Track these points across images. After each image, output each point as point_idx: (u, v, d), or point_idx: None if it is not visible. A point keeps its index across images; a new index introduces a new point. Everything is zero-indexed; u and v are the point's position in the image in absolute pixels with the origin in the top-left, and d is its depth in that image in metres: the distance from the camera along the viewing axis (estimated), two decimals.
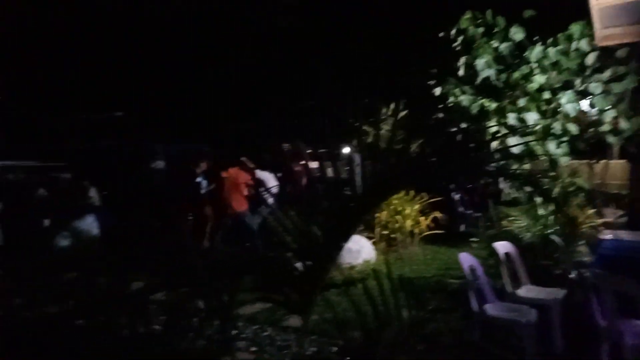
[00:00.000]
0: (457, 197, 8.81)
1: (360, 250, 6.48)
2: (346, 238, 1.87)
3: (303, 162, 13.87)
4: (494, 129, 6.81)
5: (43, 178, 10.14)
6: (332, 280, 6.02)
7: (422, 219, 7.52)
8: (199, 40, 14.98)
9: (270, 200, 8.98)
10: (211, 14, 13.37)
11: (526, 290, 4.42)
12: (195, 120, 17.80)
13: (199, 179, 9.08)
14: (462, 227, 8.97)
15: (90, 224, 8.47)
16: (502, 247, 4.57)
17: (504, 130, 6.85)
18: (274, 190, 8.96)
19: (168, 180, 12.19)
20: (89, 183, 9.16)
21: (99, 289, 6.08)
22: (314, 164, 18.77)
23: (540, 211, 6.37)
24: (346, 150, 21.10)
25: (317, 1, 10.79)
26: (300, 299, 1.81)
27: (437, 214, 7.85)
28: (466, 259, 4.11)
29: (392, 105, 7.85)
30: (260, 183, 8.90)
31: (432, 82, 7.79)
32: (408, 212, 7.36)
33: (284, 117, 15.47)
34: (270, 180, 8.94)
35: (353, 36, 9.59)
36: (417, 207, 7.53)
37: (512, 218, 6.47)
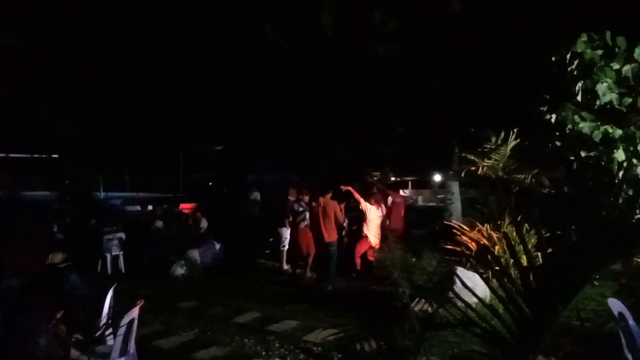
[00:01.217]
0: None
1: (474, 287, 6.17)
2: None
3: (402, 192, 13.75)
4: (621, 157, 6.29)
5: (159, 209, 10.95)
6: (447, 319, 5.81)
7: (539, 254, 7.04)
8: (290, 73, 15.51)
9: (372, 232, 8.93)
10: (308, 47, 13.84)
11: None
12: (286, 150, 18.38)
13: (300, 210, 9.28)
14: None
15: (202, 253, 8.99)
16: None
17: (633, 159, 6.31)
18: (377, 221, 8.91)
19: (266, 210, 12.62)
20: (201, 214, 9.75)
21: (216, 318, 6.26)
22: (403, 192, 18.46)
23: None
24: (437, 177, 20.57)
25: (418, 25, 10.73)
26: None
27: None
28: (615, 305, 3.78)
29: (502, 134, 7.55)
30: (363, 213, 8.87)
31: (544, 109, 7.41)
32: (522, 247, 6.93)
33: (376, 145, 15.50)
34: (372, 211, 8.88)
35: (459, 59, 9.36)
36: (532, 241, 7.08)
37: None
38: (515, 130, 7.51)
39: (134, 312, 4.16)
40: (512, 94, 8.64)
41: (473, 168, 7.78)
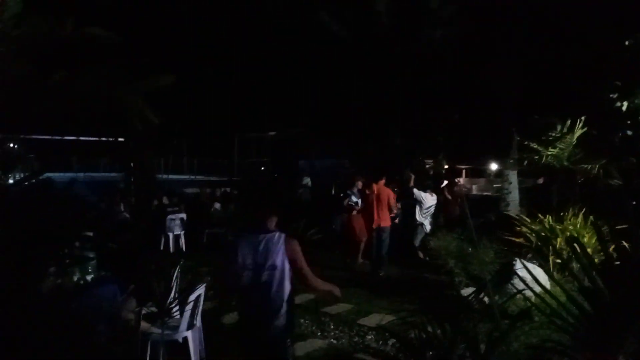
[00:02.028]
0: None
1: (534, 280, 6.03)
2: None
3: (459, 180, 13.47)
4: None
5: (218, 191, 11.34)
6: (505, 310, 5.71)
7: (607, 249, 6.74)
8: (344, 59, 15.43)
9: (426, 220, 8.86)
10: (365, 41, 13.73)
11: None
12: (338, 136, 18.41)
13: (353, 196, 9.32)
14: None
15: None
16: None
17: None
18: (431, 210, 8.83)
19: (318, 196, 12.80)
20: None
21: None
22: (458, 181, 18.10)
23: None
24: (493, 166, 20.00)
25: (477, 9, 10.32)
26: None
27: (623, 243, 6.99)
28: None
29: (569, 122, 7.21)
30: (416, 201, 8.82)
31: (614, 96, 7.03)
32: (587, 240, 6.67)
33: (430, 132, 15.24)
34: (427, 199, 8.80)
35: (521, 44, 8.94)
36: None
37: None
38: (582, 118, 7.17)
39: (201, 289, 4.40)
40: (580, 80, 8.23)
41: (536, 157, 7.51)
